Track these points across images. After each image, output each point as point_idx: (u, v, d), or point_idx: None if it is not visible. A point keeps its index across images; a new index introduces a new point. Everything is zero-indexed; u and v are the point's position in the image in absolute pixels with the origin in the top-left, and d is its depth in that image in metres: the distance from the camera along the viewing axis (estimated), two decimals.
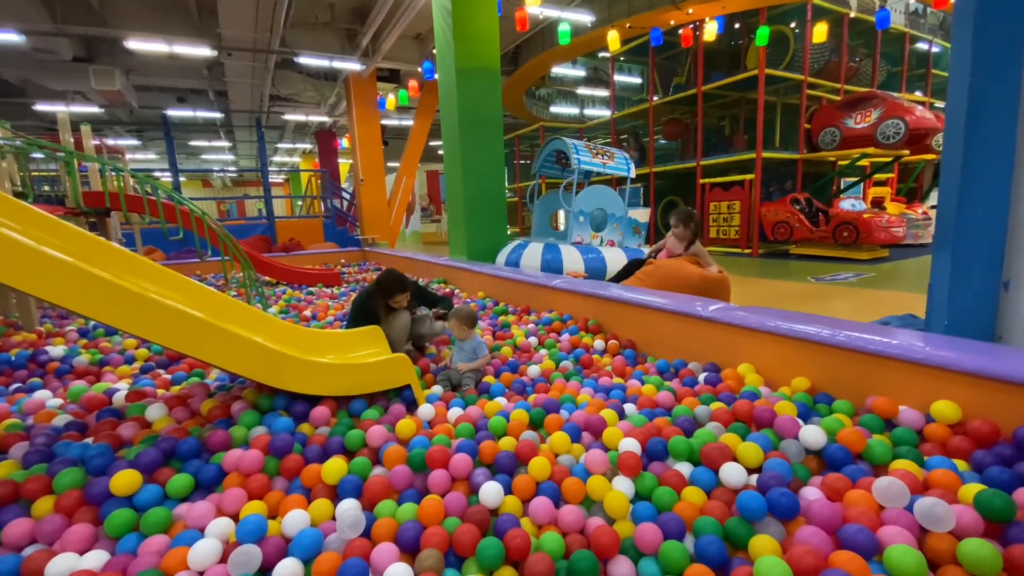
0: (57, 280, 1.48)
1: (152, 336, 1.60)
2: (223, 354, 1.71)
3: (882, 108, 8.04)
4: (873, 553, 1.09)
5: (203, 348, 1.67)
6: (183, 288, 2.18)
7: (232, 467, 1.54)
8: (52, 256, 1.48)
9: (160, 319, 1.60)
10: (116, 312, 1.54)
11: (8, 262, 1.43)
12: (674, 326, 2.65)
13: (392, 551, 1.22)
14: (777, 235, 8.04)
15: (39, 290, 1.47)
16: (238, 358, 1.73)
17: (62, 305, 1.50)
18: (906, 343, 1.72)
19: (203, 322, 1.65)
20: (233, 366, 1.73)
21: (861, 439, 1.48)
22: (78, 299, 1.50)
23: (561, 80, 13.68)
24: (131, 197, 4.89)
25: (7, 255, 1.43)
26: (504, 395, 2.21)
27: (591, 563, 1.16)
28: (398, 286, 2.60)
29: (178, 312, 1.62)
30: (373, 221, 11.32)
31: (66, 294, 1.49)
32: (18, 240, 1.45)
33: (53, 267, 1.47)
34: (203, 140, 17.48)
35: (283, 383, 1.81)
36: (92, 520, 1.36)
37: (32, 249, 1.45)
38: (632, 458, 1.48)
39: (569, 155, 5.37)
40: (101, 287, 1.52)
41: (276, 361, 1.79)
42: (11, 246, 1.43)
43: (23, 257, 1.45)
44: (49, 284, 1.47)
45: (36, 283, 1.46)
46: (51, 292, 1.47)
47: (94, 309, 1.53)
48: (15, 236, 1.45)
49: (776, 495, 1.26)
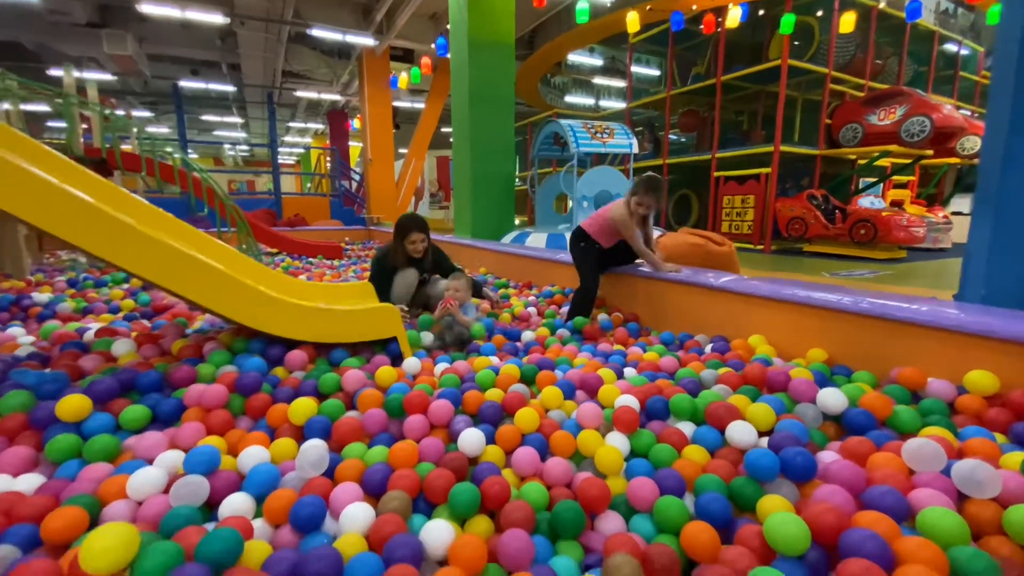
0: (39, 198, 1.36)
1: (122, 260, 1.47)
2: (195, 285, 1.58)
3: (907, 105, 7.77)
4: (904, 517, 0.94)
5: (173, 276, 1.54)
6: (168, 224, 2.05)
7: (193, 402, 1.41)
8: (35, 175, 1.36)
9: (135, 244, 1.48)
10: (93, 235, 1.43)
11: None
12: (681, 298, 2.50)
13: (355, 492, 1.09)
14: (791, 232, 7.81)
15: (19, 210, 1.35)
16: (210, 290, 1.60)
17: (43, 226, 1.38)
18: (938, 309, 1.57)
19: (175, 249, 1.53)
20: (204, 299, 1.60)
21: (887, 404, 1.32)
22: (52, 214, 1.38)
23: (578, 68, 13.45)
24: (130, 155, 4.79)
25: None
26: (496, 355, 2.07)
27: (576, 514, 1.02)
28: (415, 224, 2.57)
29: (152, 239, 1.50)
30: (381, 202, 11.20)
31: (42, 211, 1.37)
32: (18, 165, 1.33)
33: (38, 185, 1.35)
34: (215, 115, 17.43)
35: (257, 322, 1.68)
36: (35, 445, 1.24)
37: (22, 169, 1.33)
38: (629, 413, 1.34)
39: (566, 138, 5.18)
40: (78, 206, 1.40)
41: (251, 298, 1.66)
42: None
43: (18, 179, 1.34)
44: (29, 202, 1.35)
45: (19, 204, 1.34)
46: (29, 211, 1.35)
47: (66, 224, 1.41)
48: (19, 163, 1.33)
49: (791, 454, 1.11)
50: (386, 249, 2.68)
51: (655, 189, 2.49)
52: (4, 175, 1.34)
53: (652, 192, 2.49)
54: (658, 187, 2.50)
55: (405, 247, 2.56)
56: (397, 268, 2.62)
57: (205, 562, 0.82)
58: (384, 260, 2.64)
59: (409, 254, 2.58)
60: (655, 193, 2.50)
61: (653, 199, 2.51)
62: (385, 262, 2.63)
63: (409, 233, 2.54)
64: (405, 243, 2.55)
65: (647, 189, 2.50)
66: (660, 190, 2.51)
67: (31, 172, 1.37)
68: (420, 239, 2.57)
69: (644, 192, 2.50)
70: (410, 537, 0.92)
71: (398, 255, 2.59)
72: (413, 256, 2.59)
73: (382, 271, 2.62)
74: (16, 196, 1.36)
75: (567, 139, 5.17)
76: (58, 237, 1.42)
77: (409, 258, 2.61)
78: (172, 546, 0.83)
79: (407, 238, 2.55)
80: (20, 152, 1.75)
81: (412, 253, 2.58)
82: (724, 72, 8.54)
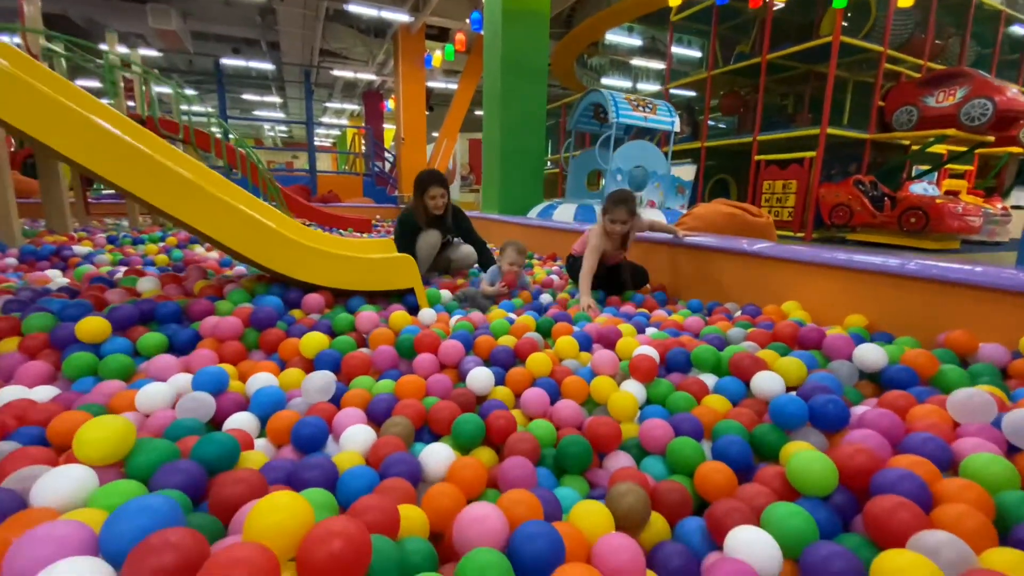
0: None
1: (153, 197, 1.48)
2: (219, 225, 1.58)
3: (968, 86, 7.24)
4: (946, 466, 0.85)
5: (200, 216, 1.55)
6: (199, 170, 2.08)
7: (208, 332, 1.42)
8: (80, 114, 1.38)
9: (162, 180, 1.49)
10: (122, 169, 1.44)
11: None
12: (712, 266, 2.39)
13: (359, 417, 1.07)
14: (835, 219, 7.44)
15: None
16: (233, 231, 1.60)
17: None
18: (995, 270, 1.43)
19: (204, 191, 1.53)
20: (227, 238, 1.60)
21: (932, 362, 1.21)
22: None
23: (615, 48, 13.11)
24: (167, 121, 4.93)
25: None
26: (514, 312, 2.02)
27: (583, 448, 0.97)
28: (434, 179, 2.55)
29: (180, 177, 1.50)
30: (412, 181, 11.27)
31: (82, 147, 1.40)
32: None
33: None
34: (255, 95, 17.84)
35: (276, 264, 1.68)
36: (54, 363, 1.27)
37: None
38: (647, 361, 1.27)
39: (607, 108, 5.02)
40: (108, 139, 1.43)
41: (272, 241, 1.65)
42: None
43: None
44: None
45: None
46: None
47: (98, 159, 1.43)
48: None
49: (821, 401, 1.02)
50: (410, 208, 2.66)
51: (624, 201, 2.26)
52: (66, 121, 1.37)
53: (621, 204, 2.26)
54: (627, 198, 2.27)
55: (425, 203, 2.53)
56: (420, 228, 2.60)
57: (200, 463, 0.81)
58: (408, 220, 2.62)
59: (429, 210, 2.55)
60: (625, 205, 2.26)
61: (625, 212, 2.26)
62: (409, 222, 2.61)
63: (429, 187, 2.51)
64: (425, 198, 2.52)
65: (615, 202, 2.26)
66: (630, 201, 2.27)
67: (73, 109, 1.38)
68: (440, 194, 2.53)
69: (613, 205, 2.26)
70: (408, 455, 0.89)
71: (418, 212, 2.56)
72: (434, 212, 2.56)
73: (406, 231, 2.61)
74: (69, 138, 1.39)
75: (607, 108, 5.01)
76: (104, 179, 1.44)
77: (430, 217, 2.58)
78: (167, 444, 0.82)
79: (427, 192, 2.52)
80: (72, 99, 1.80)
81: (432, 209, 2.55)
82: (770, 51, 8.14)
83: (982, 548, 0.63)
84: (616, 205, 2.26)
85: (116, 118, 1.97)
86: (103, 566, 0.54)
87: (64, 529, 0.58)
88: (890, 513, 0.68)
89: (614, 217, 2.27)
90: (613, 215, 2.27)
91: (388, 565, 0.60)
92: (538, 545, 0.63)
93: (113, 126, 1.47)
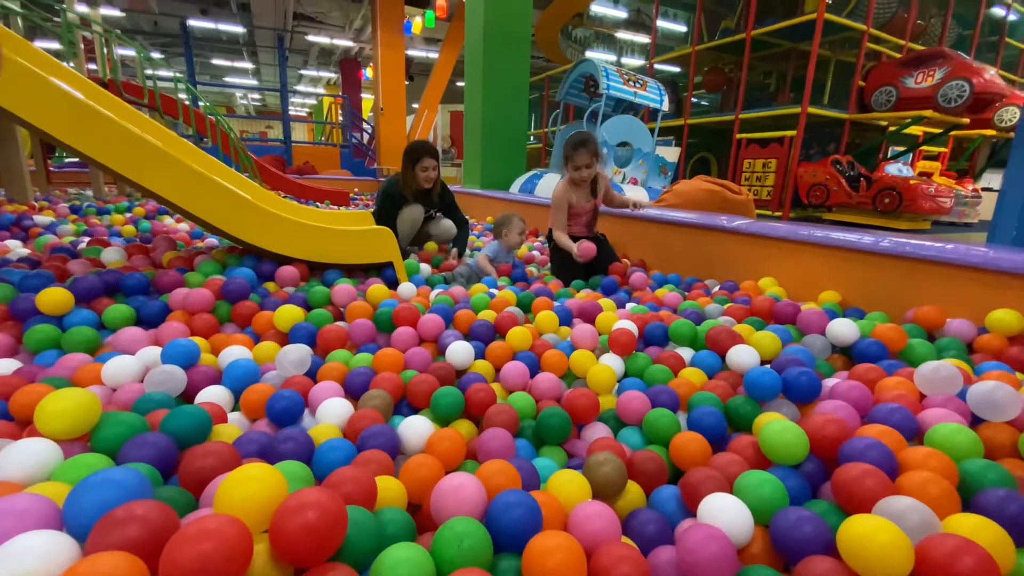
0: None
1: (119, 165, 1.41)
2: (189, 195, 1.51)
3: (948, 68, 7.32)
4: (912, 436, 0.88)
5: (169, 185, 1.48)
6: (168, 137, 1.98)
7: (178, 304, 1.37)
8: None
9: (129, 147, 1.41)
10: (84, 135, 1.36)
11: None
12: (691, 242, 2.40)
13: (335, 390, 1.05)
14: (812, 198, 7.56)
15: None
16: (204, 201, 1.54)
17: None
18: (964, 247, 1.47)
19: (173, 159, 1.46)
20: (197, 208, 1.54)
21: (902, 336, 1.25)
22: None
23: (600, 20, 12.86)
24: (131, 85, 4.68)
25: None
26: (495, 288, 2.01)
27: (562, 419, 0.97)
28: (426, 150, 2.42)
29: (148, 144, 1.43)
30: (391, 153, 11.01)
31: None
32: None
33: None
34: (226, 60, 17.05)
35: (249, 236, 1.62)
36: (15, 336, 1.22)
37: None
38: (626, 335, 1.28)
39: (599, 79, 4.95)
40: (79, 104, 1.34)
41: (245, 211, 1.60)
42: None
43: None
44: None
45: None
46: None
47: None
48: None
49: (794, 373, 1.04)
50: (394, 179, 2.51)
51: (584, 143, 2.12)
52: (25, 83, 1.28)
53: (581, 147, 2.11)
54: (587, 139, 2.12)
55: (416, 174, 2.39)
56: (404, 201, 2.48)
57: (170, 436, 0.78)
58: (391, 192, 2.47)
59: (420, 183, 2.41)
60: (585, 147, 2.11)
61: (586, 154, 2.12)
62: (393, 194, 2.47)
63: (421, 159, 2.37)
64: (416, 170, 2.38)
65: (574, 145, 2.12)
66: (590, 142, 2.12)
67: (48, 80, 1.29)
68: (432, 166, 2.40)
69: (573, 150, 2.13)
70: (387, 428, 0.88)
71: (408, 185, 2.43)
72: (424, 185, 2.43)
73: (388, 203, 2.47)
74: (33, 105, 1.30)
75: (599, 79, 4.93)
76: (66, 145, 1.36)
77: (417, 191, 2.47)
78: (135, 417, 0.79)
79: (419, 164, 2.37)
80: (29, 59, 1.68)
81: (423, 182, 2.41)
82: (755, 27, 8.08)
83: (946, 514, 0.66)
84: (576, 149, 2.12)
85: (77, 79, 1.86)
86: (67, 540, 0.52)
87: (26, 502, 0.56)
88: (857, 480, 0.70)
89: (577, 163, 2.15)
90: (576, 160, 2.14)
91: (365, 536, 0.59)
92: (516, 513, 0.64)
93: (74, 89, 1.39)
